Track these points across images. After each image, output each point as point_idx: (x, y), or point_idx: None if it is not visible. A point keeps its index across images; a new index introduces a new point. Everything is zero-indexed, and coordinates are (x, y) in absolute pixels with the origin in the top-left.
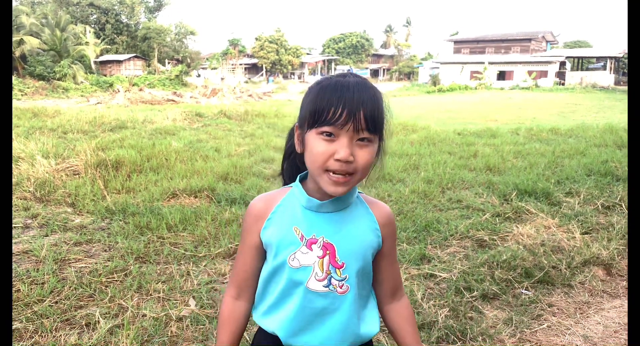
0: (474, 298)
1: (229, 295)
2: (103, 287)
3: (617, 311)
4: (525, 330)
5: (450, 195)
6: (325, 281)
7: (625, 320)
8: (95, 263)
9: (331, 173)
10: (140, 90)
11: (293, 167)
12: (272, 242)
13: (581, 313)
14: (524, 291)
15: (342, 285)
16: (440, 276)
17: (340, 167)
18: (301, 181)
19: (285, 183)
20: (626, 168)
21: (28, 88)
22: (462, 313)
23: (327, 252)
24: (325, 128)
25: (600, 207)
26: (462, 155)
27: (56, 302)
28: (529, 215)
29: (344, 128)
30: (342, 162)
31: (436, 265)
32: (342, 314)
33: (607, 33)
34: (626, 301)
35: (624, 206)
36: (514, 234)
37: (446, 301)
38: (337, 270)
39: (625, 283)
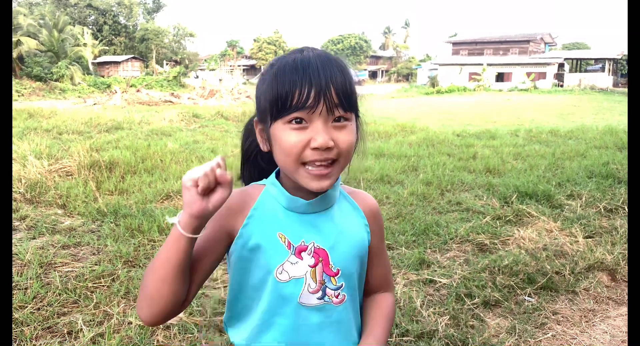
0: (475, 305)
1: None
2: (88, 293)
3: (623, 319)
4: (529, 339)
5: (449, 197)
6: (320, 293)
7: None
8: (82, 267)
9: (309, 167)
10: (138, 91)
11: (256, 169)
12: (253, 249)
13: (586, 322)
14: (527, 298)
15: (338, 295)
16: (440, 282)
17: (320, 155)
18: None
19: None
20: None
21: (25, 89)
22: (463, 322)
23: (320, 259)
24: (294, 115)
25: (602, 210)
26: (461, 156)
27: (38, 309)
28: (530, 218)
29: (316, 111)
30: (321, 150)
31: (436, 270)
32: (341, 327)
33: (605, 35)
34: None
35: (627, 209)
36: (515, 238)
37: (446, 309)
38: (331, 278)
39: None
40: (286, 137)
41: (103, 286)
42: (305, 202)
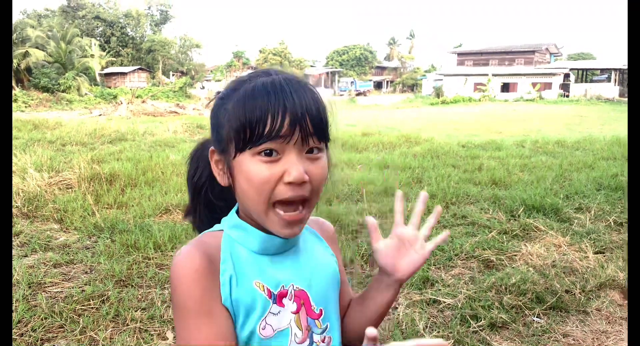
0: (481, 328)
1: None
2: (75, 316)
3: None
4: None
5: (454, 210)
6: (307, 341)
7: None
8: (72, 287)
9: (280, 211)
10: (143, 102)
11: (206, 206)
12: (232, 309)
13: (599, 344)
14: (535, 319)
15: (324, 338)
16: (445, 302)
17: (294, 192)
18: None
19: (201, 230)
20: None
21: (32, 100)
22: None
23: (302, 302)
24: (265, 146)
25: (612, 223)
26: (466, 168)
27: (21, 334)
28: (538, 233)
29: (291, 141)
30: (295, 185)
31: (440, 290)
32: None
33: (610, 45)
34: None
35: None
36: (523, 253)
37: (451, 332)
38: (316, 321)
39: None
40: (256, 171)
41: (92, 308)
42: (282, 240)
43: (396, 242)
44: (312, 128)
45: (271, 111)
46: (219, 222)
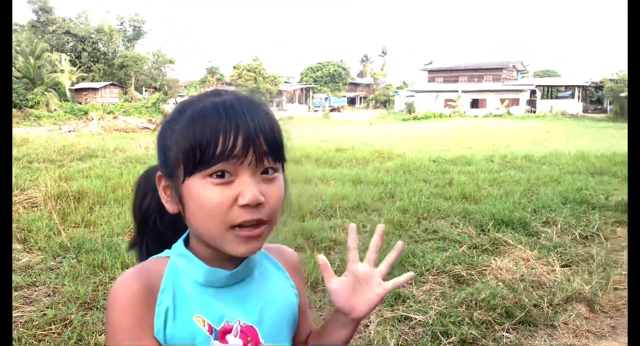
0: (451, 344)
1: None
2: (36, 342)
3: None
4: None
5: (426, 225)
6: None
7: None
8: (33, 311)
9: (237, 230)
10: (115, 118)
11: (155, 236)
12: (164, 344)
13: None
14: (505, 334)
15: None
16: (416, 319)
17: (250, 215)
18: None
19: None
20: (601, 196)
21: None
22: None
23: (248, 339)
24: (217, 167)
25: (578, 237)
26: (437, 183)
27: None
28: (507, 247)
29: (244, 162)
30: (251, 207)
31: (411, 306)
32: None
33: (574, 63)
34: (613, 343)
35: (601, 236)
36: (492, 268)
37: None
38: None
39: (610, 321)
40: (208, 195)
41: (53, 333)
42: (228, 273)
43: (351, 280)
44: (267, 148)
45: (223, 131)
46: None
